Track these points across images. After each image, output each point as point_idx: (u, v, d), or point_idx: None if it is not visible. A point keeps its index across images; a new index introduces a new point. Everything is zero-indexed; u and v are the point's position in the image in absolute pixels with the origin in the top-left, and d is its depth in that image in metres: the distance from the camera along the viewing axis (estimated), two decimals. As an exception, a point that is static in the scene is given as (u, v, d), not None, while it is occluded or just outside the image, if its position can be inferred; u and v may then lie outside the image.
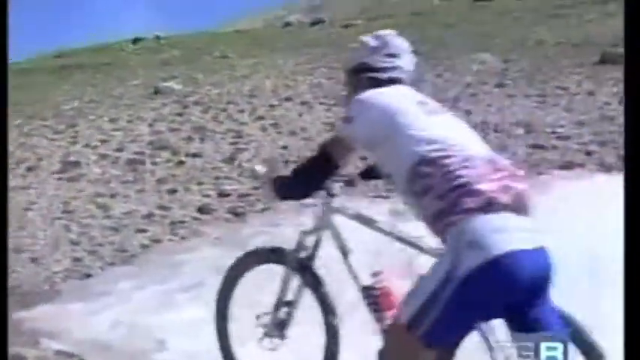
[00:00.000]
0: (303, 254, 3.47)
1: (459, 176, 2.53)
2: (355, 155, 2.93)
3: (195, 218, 7.32)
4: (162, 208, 7.69)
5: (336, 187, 3.36)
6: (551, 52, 12.93)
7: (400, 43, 3.08)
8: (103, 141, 10.78)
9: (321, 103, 11.22)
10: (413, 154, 2.62)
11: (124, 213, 7.69)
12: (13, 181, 9.30)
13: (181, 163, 9.29)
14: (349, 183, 3.59)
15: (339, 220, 3.36)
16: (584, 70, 11.26)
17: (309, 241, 3.46)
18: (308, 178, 3.01)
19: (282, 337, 3.58)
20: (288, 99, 11.78)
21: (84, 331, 4.68)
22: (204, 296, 3.91)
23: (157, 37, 21.92)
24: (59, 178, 9.32)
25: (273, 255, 3.63)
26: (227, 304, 3.80)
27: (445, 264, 2.48)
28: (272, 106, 11.54)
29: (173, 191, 8.29)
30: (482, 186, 2.50)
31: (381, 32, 3.12)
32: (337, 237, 3.35)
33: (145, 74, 16.08)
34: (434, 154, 2.59)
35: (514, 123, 9.02)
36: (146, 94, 13.81)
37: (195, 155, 9.52)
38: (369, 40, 3.10)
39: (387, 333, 2.82)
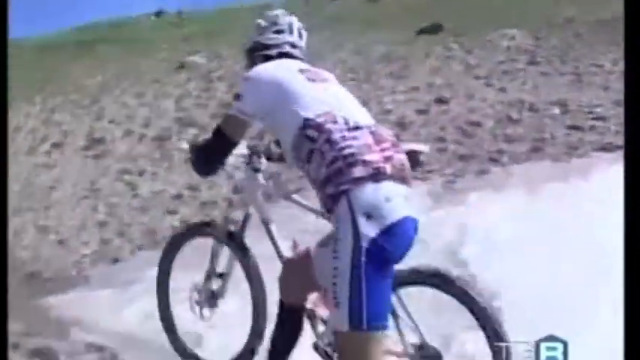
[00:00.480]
0: (232, 227, 3.66)
1: (345, 147, 2.68)
2: (248, 130, 3.08)
3: (226, 199, 7.09)
4: (191, 188, 7.45)
5: (262, 162, 3.55)
6: (581, 29, 12.60)
7: (288, 21, 3.33)
8: (129, 117, 10.61)
9: (351, 79, 10.97)
10: (298, 118, 2.79)
11: (153, 192, 7.51)
12: (38, 159, 9.18)
13: (209, 140, 9.03)
14: (274, 160, 3.61)
15: (262, 194, 3.55)
16: (617, 48, 10.94)
17: (238, 214, 3.69)
18: (208, 158, 3.23)
19: (214, 306, 3.77)
20: (316, 75, 11.48)
21: (115, 323, 4.45)
22: (241, 286, 3.73)
23: (179, 13, 21.67)
24: (85, 156, 9.17)
25: (207, 228, 3.85)
26: (167, 276, 4.05)
27: (347, 241, 2.61)
28: (299, 82, 11.27)
29: (202, 170, 8.02)
30: (368, 157, 2.67)
31: (271, 12, 3.38)
32: (261, 210, 3.51)
33: (169, 48, 15.88)
34: (318, 119, 2.77)
35: (549, 102, 8.75)
36: (171, 68, 13.62)
37: (223, 132, 9.27)
38: (260, 21, 3.35)
39: (341, 346, 2.85)
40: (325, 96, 2.89)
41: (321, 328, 3.25)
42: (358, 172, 2.64)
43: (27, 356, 4.21)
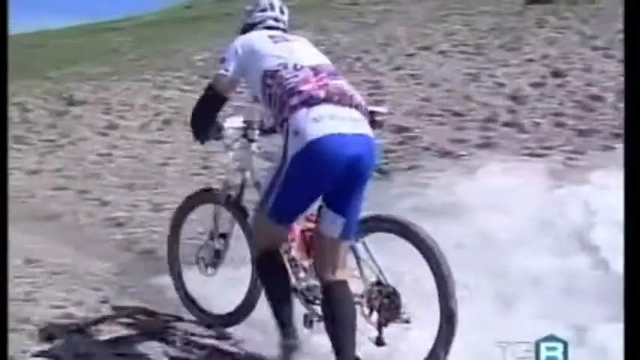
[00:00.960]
0: (232, 192, 4.28)
1: (288, 84, 3.35)
2: (234, 87, 3.80)
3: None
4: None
5: (256, 134, 4.12)
6: None
7: (269, 1, 3.94)
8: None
9: (460, 52, 10.66)
10: (261, 71, 3.48)
11: (265, 169, 7.38)
12: (149, 135, 9.28)
13: (319, 115, 8.83)
14: (266, 132, 4.15)
15: (256, 161, 4.17)
16: None
17: (236, 180, 4.29)
18: (204, 116, 3.83)
19: (217, 264, 4.44)
20: (424, 48, 11.21)
21: (232, 304, 4.39)
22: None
23: (283, -15, 21.56)
24: (195, 132, 9.17)
25: (208, 196, 4.56)
26: (177, 240, 4.77)
27: (279, 156, 3.36)
28: (408, 55, 11.03)
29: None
30: (303, 87, 3.31)
31: None
32: (254, 176, 4.13)
33: (274, 23, 15.79)
34: (274, 68, 3.44)
35: None
36: (278, 43, 13.52)
37: (333, 108, 9.06)
38: (247, 6, 4.02)
39: (252, 224, 3.83)
40: (283, 51, 3.54)
41: (302, 274, 3.80)
42: (294, 100, 3.30)
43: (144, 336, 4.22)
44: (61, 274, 5.19)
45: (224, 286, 4.50)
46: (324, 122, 3.22)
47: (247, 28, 3.88)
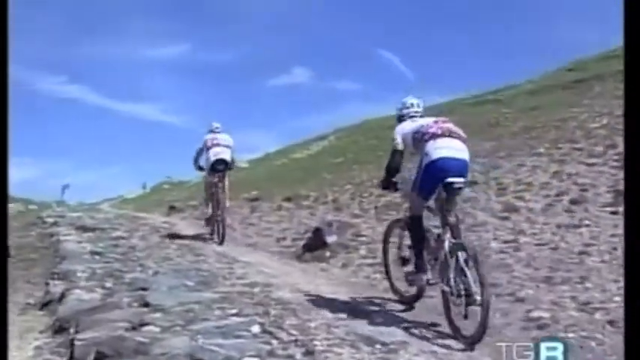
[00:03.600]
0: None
1: (423, 130, 6.06)
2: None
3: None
4: None
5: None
6: None
7: (411, 101, 6.73)
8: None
9: None
10: (412, 133, 6.22)
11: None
12: (558, 219, 8.28)
13: None
14: None
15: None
16: None
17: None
18: (394, 167, 6.53)
19: (407, 264, 6.64)
20: None
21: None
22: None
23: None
24: (613, 212, 7.99)
25: (398, 222, 7.00)
26: (387, 250, 7.15)
27: (418, 164, 6.03)
28: None
29: None
30: (431, 130, 6.03)
31: (404, 99, 6.81)
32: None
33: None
34: (416, 129, 6.18)
35: None
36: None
37: None
38: (403, 101, 6.81)
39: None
40: (419, 123, 6.28)
41: None
42: (426, 137, 5.99)
43: None
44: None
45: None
46: (440, 149, 5.84)
47: (400, 117, 6.62)
